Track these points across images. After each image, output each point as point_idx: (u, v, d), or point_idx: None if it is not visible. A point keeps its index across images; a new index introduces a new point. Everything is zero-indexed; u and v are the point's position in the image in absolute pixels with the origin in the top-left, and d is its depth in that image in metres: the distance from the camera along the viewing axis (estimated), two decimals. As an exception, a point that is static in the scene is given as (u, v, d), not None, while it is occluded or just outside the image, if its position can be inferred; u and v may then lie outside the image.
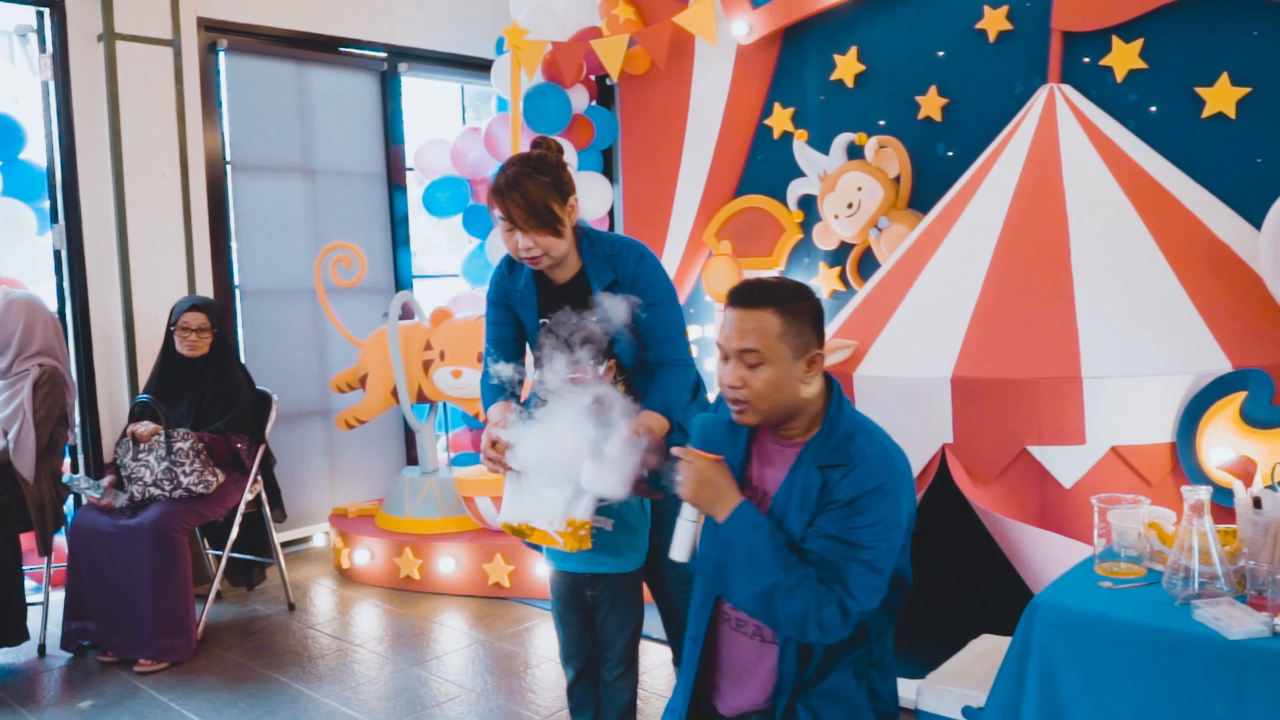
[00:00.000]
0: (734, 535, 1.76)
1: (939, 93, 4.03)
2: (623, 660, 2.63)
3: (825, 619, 1.70)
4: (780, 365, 1.79)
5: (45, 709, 3.23)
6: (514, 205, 2.41)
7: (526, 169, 2.45)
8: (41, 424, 3.66)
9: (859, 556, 1.72)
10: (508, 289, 2.67)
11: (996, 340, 3.05)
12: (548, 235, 2.44)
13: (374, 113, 5.40)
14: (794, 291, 1.84)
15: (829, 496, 1.77)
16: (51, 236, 4.38)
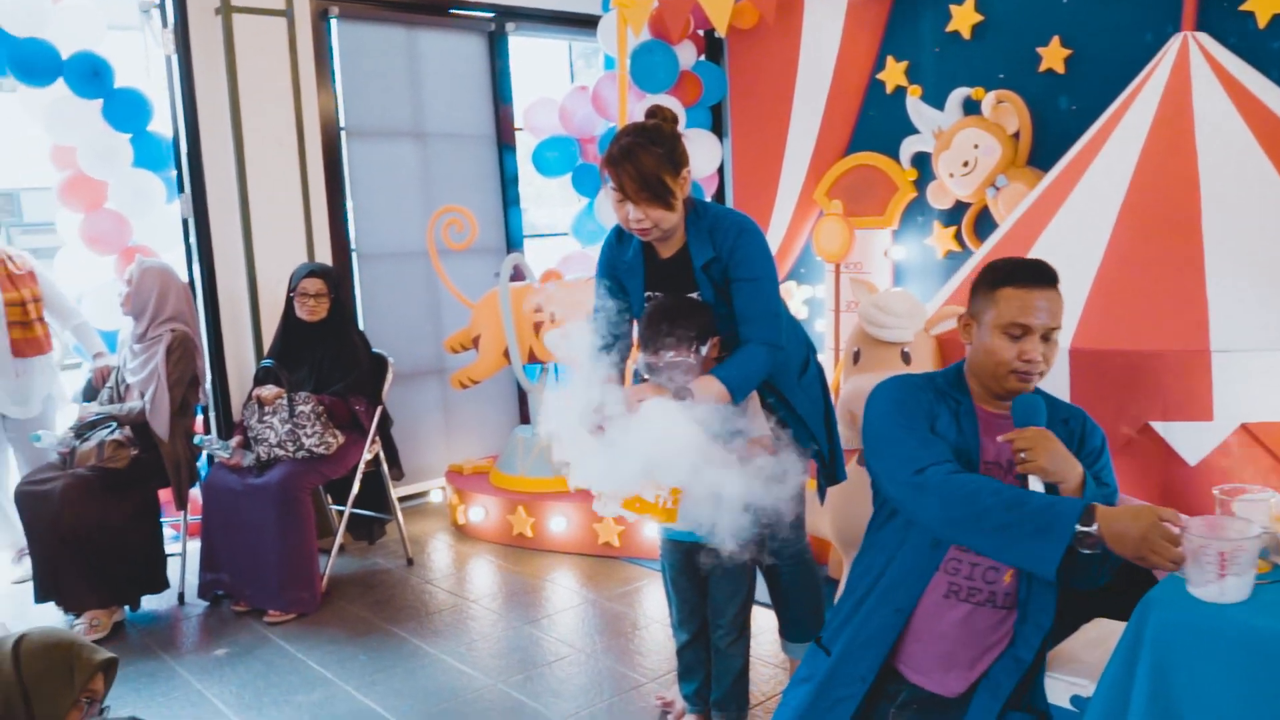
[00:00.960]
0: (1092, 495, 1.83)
1: (1062, 43, 3.83)
2: (735, 627, 2.67)
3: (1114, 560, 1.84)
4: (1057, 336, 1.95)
5: (185, 655, 3.45)
6: (626, 176, 2.40)
7: (641, 139, 2.43)
8: (175, 386, 3.85)
9: (1111, 499, 1.90)
10: (616, 259, 2.67)
11: (1119, 310, 2.92)
12: (658, 208, 2.43)
13: (482, 73, 5.44)
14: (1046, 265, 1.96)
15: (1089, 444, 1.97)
16: (179, 205, 4.57)
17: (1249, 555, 1.74)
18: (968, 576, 1.99)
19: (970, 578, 1.99)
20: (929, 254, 4.36)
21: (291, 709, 3.02)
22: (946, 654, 2.00)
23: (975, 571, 1.98)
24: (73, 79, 4.31)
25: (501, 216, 5.55)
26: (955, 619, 1.99)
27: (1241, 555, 1.74)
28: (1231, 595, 1.74)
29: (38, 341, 4.22)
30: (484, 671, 3.21)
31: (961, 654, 1.99)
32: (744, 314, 2.51)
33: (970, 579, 1.99)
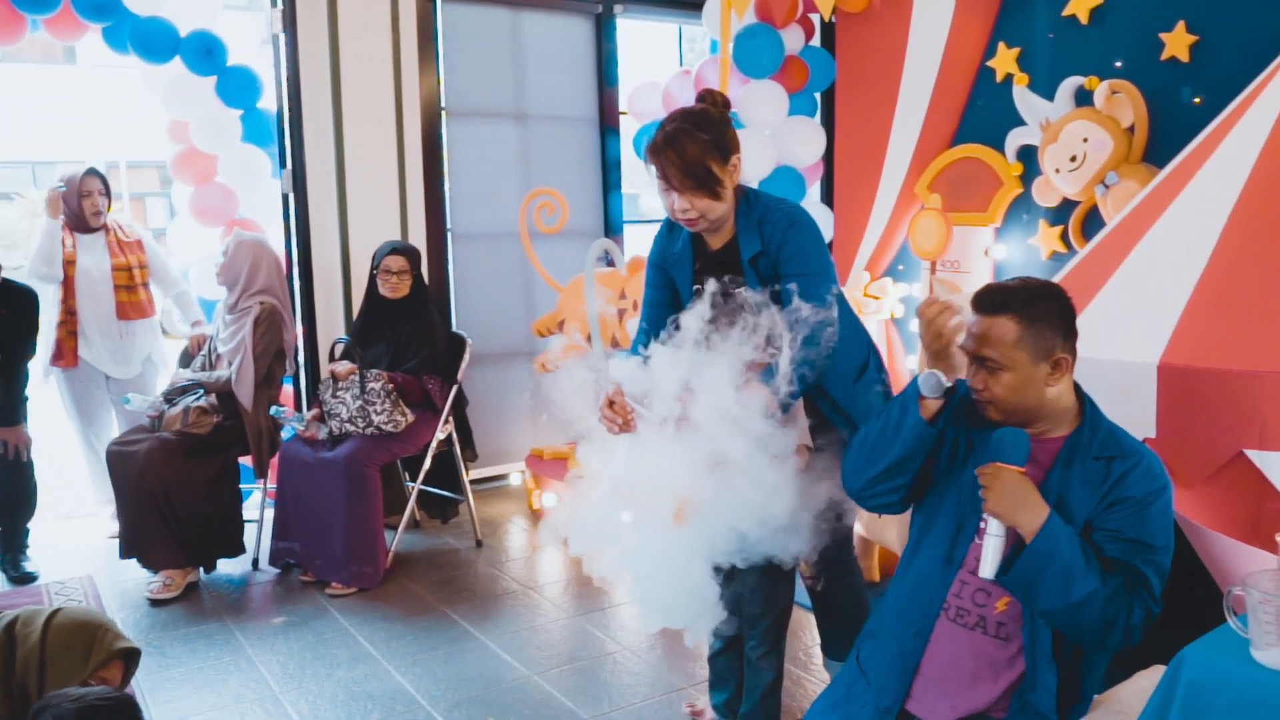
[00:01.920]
0: (1048, 547, 1.71)
1: (1188, 29, 3.49)
2: (766, 640, 2.55)
3: (1134, 623, 1.70)
4: (1020, 371, 1.79)
5: (246, 620, 3.54)
6: (670, 164, 2.29)
7: (686, 125, 2.31)
8: (260, 358, 3.95)
9: (1153, 559, 1.73)
10: (665, 251, 2.57)
11: (1217, 323, 2.64)
12: (705, 197, 2.31)
13: (588, 56, 5.39)
14: (1035, 293, 1.81)
15: (1119, 491, 1.76)
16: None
17: None
18: (956, 594, 1.87)
19: (959, 596, 1.86)
20: (1033, 254, 4.07)
21: (331, 684, 3.05)
22: (936, 677, 1.87)
23: (965, 591, 1.85)
24: (189, 56, 4.46)
25: (601, 201, 5.50)
26: (949, 642, 1.86)
27: (1307, 616, 1.52)
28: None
29: (141, 305, 4.41)
30: (525, 662, 3.18)
31: (951, 680, 1.86)
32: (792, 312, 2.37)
33: (959, 598, 1.86)
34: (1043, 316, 1.79)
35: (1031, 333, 1.77)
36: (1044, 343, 1.78)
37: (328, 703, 2.92)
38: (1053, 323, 1.79)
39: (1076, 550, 1.70)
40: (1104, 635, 1.70)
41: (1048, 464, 1.83)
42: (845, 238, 4.81)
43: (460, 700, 2.92)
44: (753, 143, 4.74)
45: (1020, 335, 1.77)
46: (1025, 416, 1.83)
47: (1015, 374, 1.79)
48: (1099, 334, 2.87)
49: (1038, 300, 1.80)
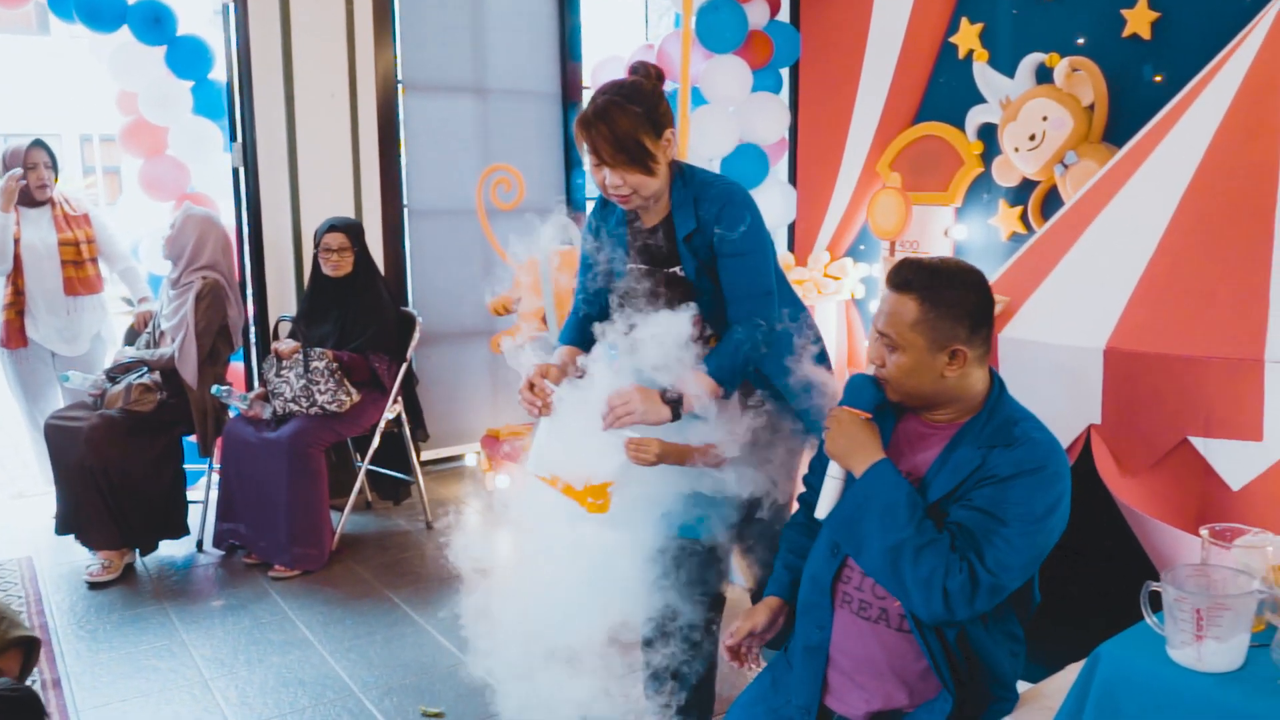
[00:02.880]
0: (871, 489, 1.71)
1: (1150, 5, 3.42)
2: (700, 626, 2.49)
3: (952, 586, 1.63)
4: (914, 354, 1.74)
5: (184, 603, 3.47)
6: (600, 138, 2.18)
7: (617, 98, 2.21)
8: (203, 334, 3.86)
9: (1002, 531, 1.64)
10: (600, 228, 2.49)
11: (1165, 308, 2.58)
12: (637, 172, 2.21)
13: (550, 29, 5.28)
14: (947, 278, 1.74)
15: (985, 473, 1.70)
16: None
17: (1235, 616, 1.45)
18: (858, 587, 1.81)
19: (860, 589, 1.81)
20: (993, 235, 4.01)
21: (263, 669, 2.98)
22: (850, 672, 1.82)
23: (866, 584, 1.80)
24: (137, 25, 4.35)
25: (564, 177, 5.40)
26: (853, 634, 1.82)
27: (1224, 615, 1.46)
28: (1212, 662, 1.46)
29: (89, 281, 4.32)
30: (464, 649, 3.11)
31: (864, 674, 1.81)
32: (731, 293, 2.29)
33: (860, 590, 1.81)
34: (948, 304, 1.71)
35: (932, 318, 1.71)
36: (944, 331, 1.71)
37: (256, 689, 2.86)
38: (958, 313, 1.71)
39: (901, 500, 1.67)
40: (927, 596, 1.63)
41: (939, 448, 1.78)
42: (808, 217, 4.74)
43: (392, 687, 2.86)
44: (715, 119, 4.66)
45: (920, 318, 1.71)
46: (922, 400, 1.79)
47: (909, 356, 1.73)
48: (1050, 317, 2.82)
49: (947, 287, 1.72)
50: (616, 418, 2.07)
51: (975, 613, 1.64)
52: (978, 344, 1.74)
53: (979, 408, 1.77)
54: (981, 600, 1.63)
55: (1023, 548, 1.64)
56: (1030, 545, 1.65)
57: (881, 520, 1.68)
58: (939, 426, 1.81)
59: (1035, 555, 1.67)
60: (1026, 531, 1.64)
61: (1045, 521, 1.66)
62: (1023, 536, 1.64)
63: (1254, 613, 1.49)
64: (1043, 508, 1.65)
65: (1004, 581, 1.63)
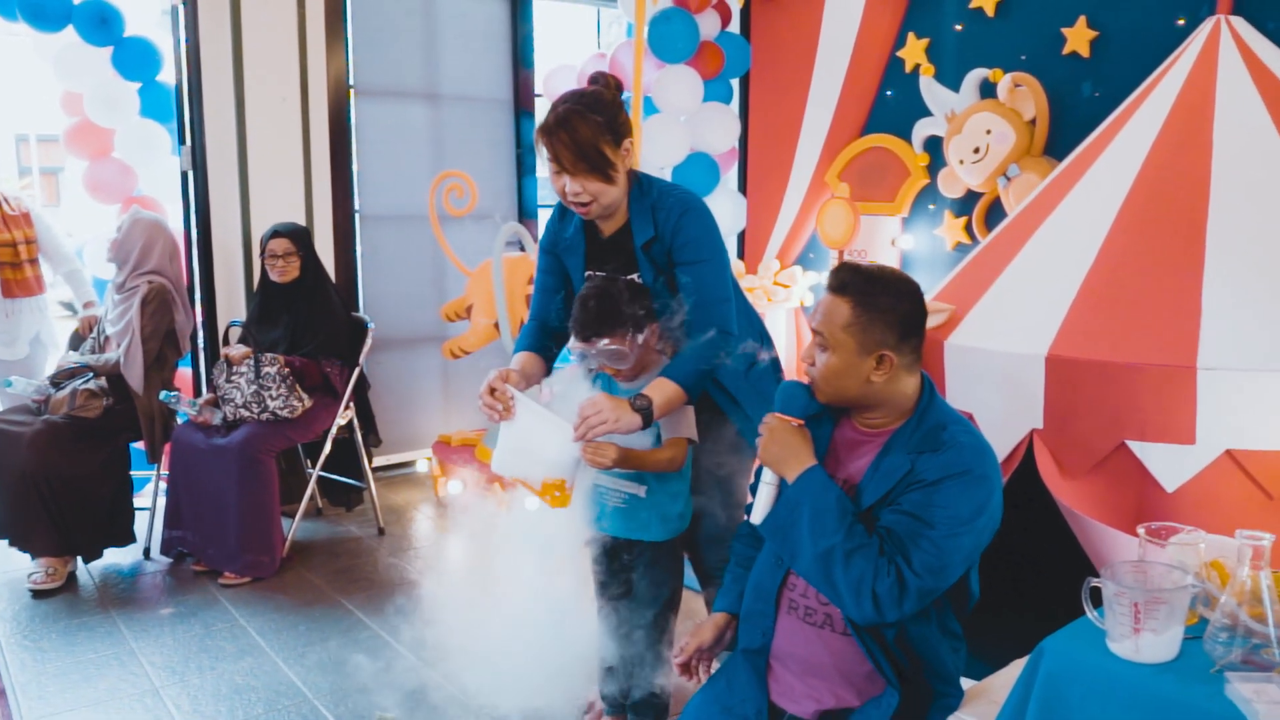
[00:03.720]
0: (801, 495, 1.74)
1: (1089, 24, 3.54)
2: (656, 626, 2.52)
3: (880, 589, 1.66)
4: (843, 355, 1.77)
5: (131, 610, 3.42)
6: (561, 146, 2.23)
7: (579, 106, 2.26)
8: (149, 339, 3.81)
9: (928, 534, 1.68)
10: (557, 236, 2.52)
11: (1104, 317, 2.67)
12: (597, 180, 2.25)
13: (503, 37, 5.30)
14: (881, 285, 1.77)
15: (914, 478, 1.73)
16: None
17: (1170, 609, 1.53)
18: (802, 594, 1.86)
19: (805, 596, 1.86)
20: (938, 245, 4.11)
21: (214, 676, 2.96)
22: (800, 674, 1.88)
23: (810, 591, 1.84)
24: (82, 25, 4.29)
25: (515, 184, 5.42)
26: (800, 640, 1.87)
27: (1160, 609, 1.53)
28: (1149, 653, 1.53)
29: (27, 283, 4.24)
30: (417, 653, 3.12)
31: (814, 677, 1.86)
32: (690, 299, 2.32)
33: (805, 597, 1.86)
34: (880, 310, 1.74)
35: (864, 322, 1.74)
36: (874, 336, 1.74)
37: (209, 697, 2.84)
38: (889, 319, 1.75)
39: (831, 505, 1.70)
40: (857, 599, 1.67)
41: (873, 455, 1.82)
42: (757, 226, 4.81)
43: (348, 692, 2.86)
44: (666, 129, 4.72)
45: (851, 321, 1.75)
46: (849, 402, 1.82)
47: (839, 357, 1.76)
48: (994, 325, 2.91)
49: (881, 293, 1.75)
50: (590, 428, 2.10)
51: (905, 614, 1.68)
52: (906, 352, 1.77)
53: (910, 413, 1.81)
54: (910, 602, 1.66)
55: (950, 549, 1.67)
56: (958, 547, 1.68)
57: (812, 526, 1.71)
58: (872, 434, 1.84)
59: (964, 556, 1.70)
60: (954, 533, 1.67)
61: (973, 523, 1.69)
62: (950, 539, 1.67)
63: (1188, 607, 1.57)
64: (969, 510, 1.69)
65: (932, 584, 1.67)
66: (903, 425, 1.80)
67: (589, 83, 2.40)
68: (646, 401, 2.15)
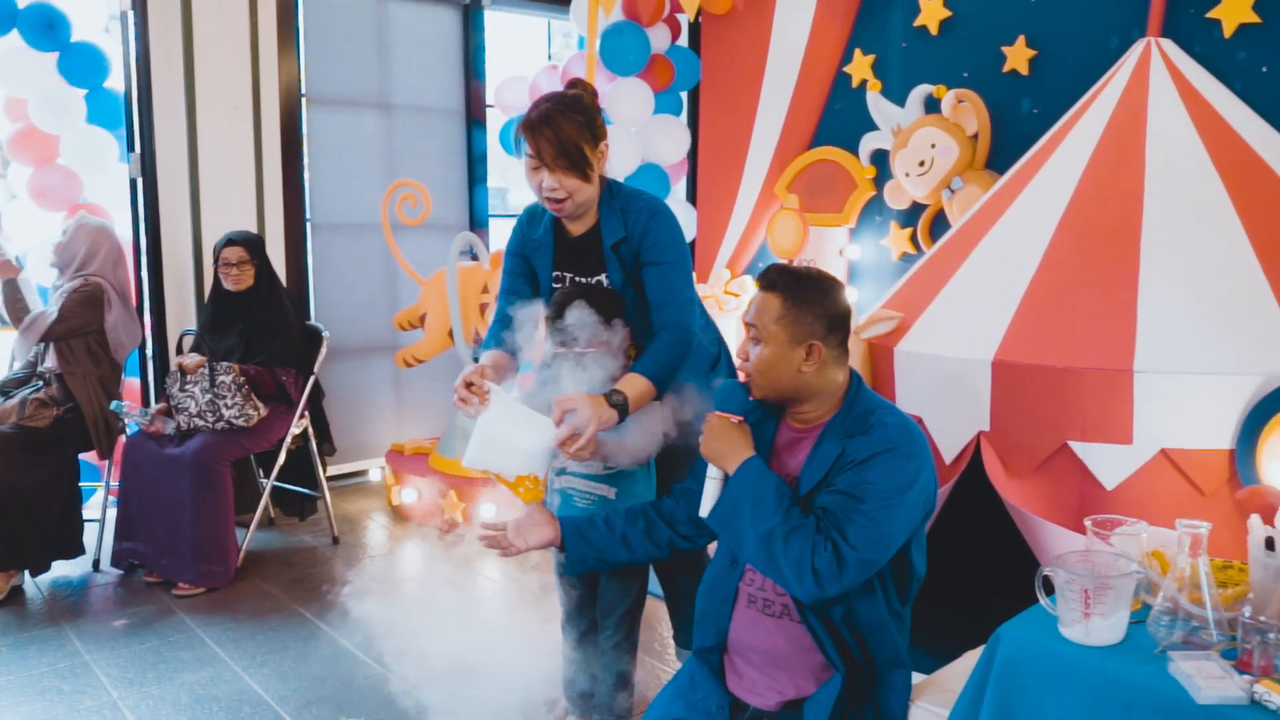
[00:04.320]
0: (741, 485, 1.85)
1: (1027, 43, 3.69)
2: (620, 629, 2.58)
3: (819, 564, 1.75)
4: (775, 346, 1.88)
5: (84, 624, 3.38)
6: (544, 141, 2.30)
7: (560, 106, 2.34)
8: (61, 320, 3.75)
9: (861, 508, 1.77)
10: (526, 237, 2.58)
11: (1046, 323, 2.80)
12: (575, 177, 2.33)
13: (455, 48, 5.34)
14: (809, 282, 1.91)
15: (846, 460, 1.84)
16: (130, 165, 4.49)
17: (1117, 594, 1.63)
18: (760, 588, 1.95)
19: (763, 589, 1.95)
20: (884, 255, 4.24)
21: (174, 686, 2.94)
22: (761, 666, 1.96)
23: (767, 584, 1.93)
24: (27, 30, 4.23)
25: (466, 194, 5.45)
26: (761, 631, 1.95)
27: (1108, 594, 1.63)
28: (1098, 637, 1.62)
29: None
30: (379, 659, 3.13)
31: (775, 668, 1.94)
32: (656, 299, 2.42)
33: (763, 590, 1.95)
34: (808, 304, 1.87)
35: (793, 315, 1.86)
36: (803, 327, 1.86)
37: (170, 707, 2.82)
38: (817, 312, 1.87)
39: (770, 491, 1.81)
40: (799, 576, 1.76)
41: (809, 445, 1.92)
42: (707, 236, 4.90)
43: (311, 700, 2.86)
44: (618, 140, 4.77)
45: (782, 314, 1.87)
46: (782, 394, 1.92)
47: (771, 349, 1.88)
48: (942, 332, 3.02)
49: (807, 289, 1.89)
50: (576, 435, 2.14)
51: (846, 587, 1.76)
52: (833, 344, 1.89)
53: (840, 404, 1.92)
54: (850, 575, 1.75)
55: (883, 521, 1.77)
56: (891, 519, 1.77)
57: (753, 512, 1.81)
58: (807, 429, 1.94)
59: (897, 528, 1.80)
60: (885, 506, 1.77)
61: (904, 496, 1.79)
62: (882, 511, 1.77)
63: (1132, 593, 1.67)
64: (898, 484, 1.79)
65: (869, 555, 1.76)
66: (834, 416, 1.92)
67: (567, 87, 2.47)
68: (622, 397, 2.22)
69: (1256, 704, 1.42)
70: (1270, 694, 1.40)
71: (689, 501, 2.11)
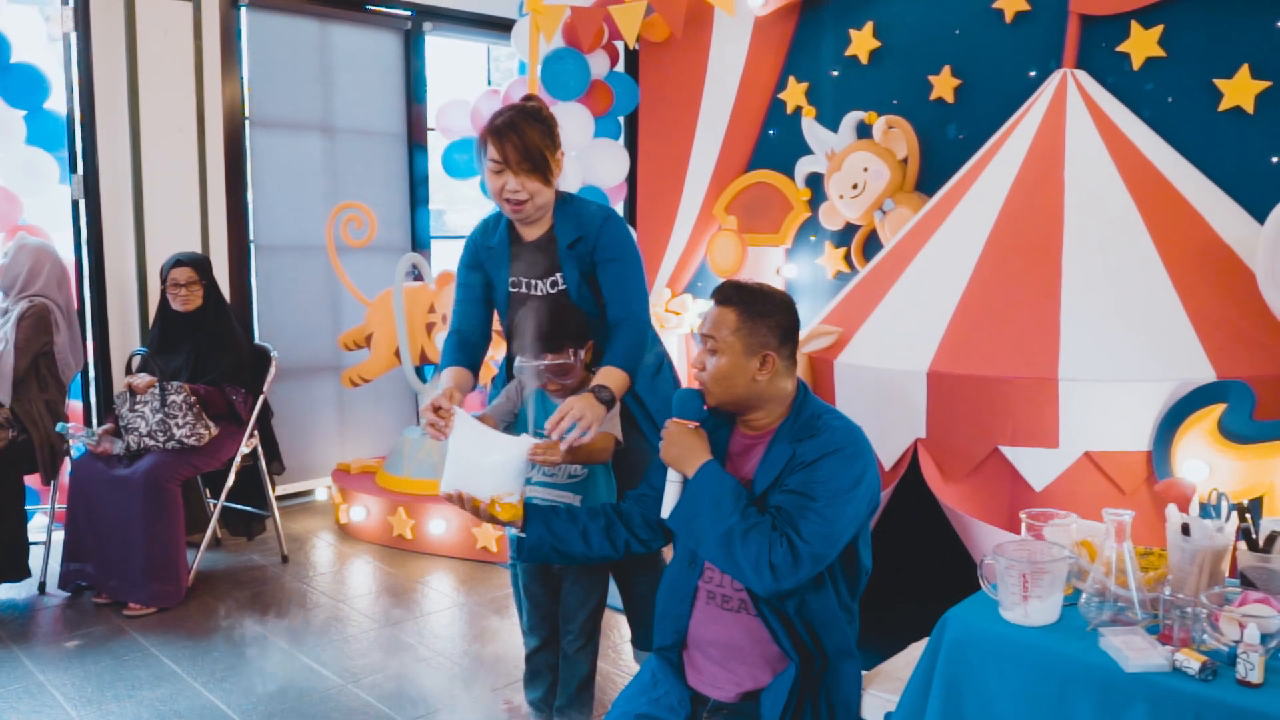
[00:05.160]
0: (700, 487, 1.96)
1: (953, 73, 3.91)
2: (583, 633, 2.67)
3: (776, 559, 1.86)
4: (731, 356, 2.00)
5: (35, 646, 3.36)
6: (510, 146, 2.45)
7: (523, 115, 2.50)
8: (22, 353, 3.74)
9: (812, 506, 1.89)
10: (481, 247, 2.70)
11: (977, 335, 2.98)
12: (536, 180, 2.48)
13: (397, 71, 5.41)
14: (761, 297, 2.03)
15: (796, 462, 1.96)
16: (72, 186, 4.47)
17: (1051, 578, 1.78)
18: (719, 584, 2.07)
19: (721, 585, 2.07)
20: (820, 273, 4.42)
21: (134, 704, 2.95)
22: (720, 660, 2.07)
23: (725, 580, 2.05)
24: (-36, 52, 4.20)
25: (409, 216, 5.52)
26: (719, 627, 2.06)
27: (1044, 579, 1.78)
28: (1036, 618, 1.78)
29: None
30: (338, 672, 3.17)
31: (733, 660, 2.06)
32: (614, 293, 2.58)
33: (721, 586, 2.06)
34: (763, 315, 2.00)
35: (749, 327, 1.99)
36: (758, 338, 1.99)
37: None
38: (769, 324, 2.00)
39: (727, 492, 1.93)
40: (757, 571, 1.87)
41: (761, 450, 2.04)
42: (648, 255, 5.03)
43: (274, 712, 2.90)
44: (561, 162, 4.89)
45: (739, 326, 1.99)
46: (736, 402, 2.04)
47: (728, 360, 1.99)
48: (879, 345, 3.18)
49: (761, 303, 2.01)
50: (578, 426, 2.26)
51: (800, 580, 1.88)
52: (785, 354, 2.03)
53: (788, 411, 2.05)
54: (804, 568, 1.87)
55: (833, 517, 1.89)
56: (840, 515, 1.90)
57: (712, 512, 1.92)
58: (758, 435, 2.07)
59: (847, 524, 1.93)
60: (835, 503, 1.90)
61: (851, 493, 1.92)
62: (832, 507, 1.89)
63: (1065, 578, 1.83)
64: (846, 482, 1.92)
65: (820, 550, 1.88)
66: (783, 422, 2.04)
67: (524, 100, 2.63)
68: (608, 392, 2.37)
69: (1178, 671, 1.58)
70: (1189, 660, 1.56)
71: (644, 506, 2.22)
